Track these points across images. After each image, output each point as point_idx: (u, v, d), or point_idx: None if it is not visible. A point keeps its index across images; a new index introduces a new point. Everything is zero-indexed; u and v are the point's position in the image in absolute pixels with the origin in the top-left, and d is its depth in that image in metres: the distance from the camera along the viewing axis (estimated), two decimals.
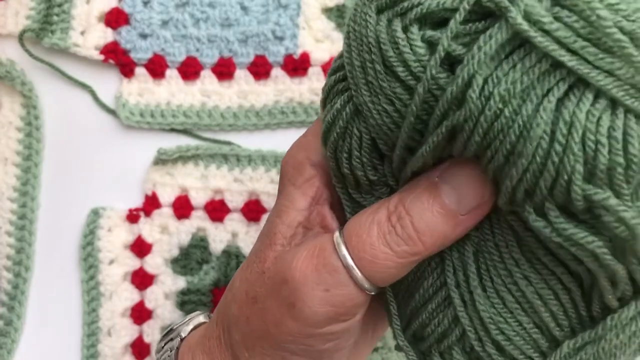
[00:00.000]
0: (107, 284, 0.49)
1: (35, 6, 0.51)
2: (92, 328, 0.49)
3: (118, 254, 0.50)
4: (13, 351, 0.49)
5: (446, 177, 0.28)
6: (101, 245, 0.49)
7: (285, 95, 0.51)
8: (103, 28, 0.51)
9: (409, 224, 0.28)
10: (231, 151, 0.50)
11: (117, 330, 0.49)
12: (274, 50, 0.51)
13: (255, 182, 0.50)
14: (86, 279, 0.49)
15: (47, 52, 0.51)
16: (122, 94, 0.51)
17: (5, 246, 0.50)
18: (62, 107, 0.51)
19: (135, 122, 0.51)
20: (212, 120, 0.51)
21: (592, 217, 0.26)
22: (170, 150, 0.49)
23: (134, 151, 0.51)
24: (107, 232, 0.50)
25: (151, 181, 0.50)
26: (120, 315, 0.49)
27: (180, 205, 0.50)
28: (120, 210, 0.50)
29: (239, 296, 0.32)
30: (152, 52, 0.51)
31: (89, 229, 0.49)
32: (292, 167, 0.33)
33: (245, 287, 0.32)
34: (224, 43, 0.51)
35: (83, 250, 0.49)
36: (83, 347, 0.49)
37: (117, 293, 0.49)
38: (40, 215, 0.50)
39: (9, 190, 0.50)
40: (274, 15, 0.51)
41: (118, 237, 0.50)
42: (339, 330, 0.30)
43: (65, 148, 0.51)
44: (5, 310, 0.49)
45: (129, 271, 0.50)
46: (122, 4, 0.52)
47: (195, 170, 0.50)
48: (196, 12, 0.51)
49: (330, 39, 0.51)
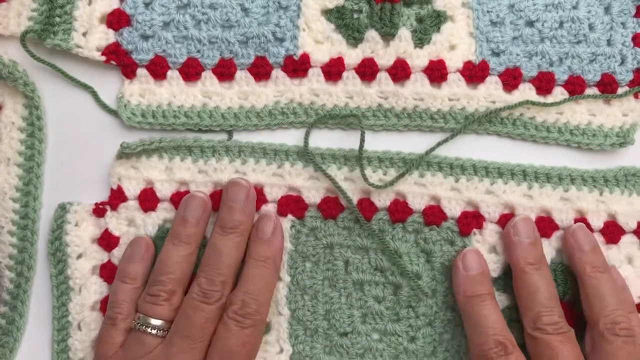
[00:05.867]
0: (76, 278, 0.49)
1: (37, 7, 0.51)
2: (62, 322, 0.49)
3: (86, 247, 0.50)
4: (15, 350, 0.49)
5: None
6: (69, 239, 0.50)
7: (286, 96, 0.51)
8: (105, 29, 0.52)
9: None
10: (194, 142, 0.50)
11: (86, 324, 0.49)
12: (274, 52, 0.51)
13: (220, 172, 0.50)
14: (55, 273, 0.49)
15: (49, 53, 0.51)
16: (124, 94, 0.51)
17: (7, 245, 0.50)
18: (65, 108, 0.52)
19: (136, 122, 0.51)
20: (213, 120, 0.51)
21: None
22: (134, 144, 0.49)
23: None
24: (74, 227, 0.50)
25: (116, 175, 0.50)
26: (89, 308, 0.49)
27: (146, 198, 0.50)
28: (86, 204, 0.50)
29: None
30: (154, 53, 0.51)
31: (56, 224, 0.50)
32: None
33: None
34: (224, 44, 0.51)
35: (51, 245, 0.50)
36: (53, 342, 0.49)
37: (86, 287, 0.49)
38: (43, 215, 0.51)
39: (11, 190, 0.50)
40: (274, 16, 0.51)
41: (85, 232, 0.50)
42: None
43: (67, 148, 0.51)
44: (8, 309, 0.50)
45: (97, 265, 0.50)
46: (123, 6, 0.52)
47: (160, 163, 0.51)
48: (197, 13, 0.51)
49: (330, 40, 0.51)
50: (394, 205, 0.49)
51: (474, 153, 0.51)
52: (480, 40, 0.51)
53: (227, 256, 0.46)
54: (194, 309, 0.45)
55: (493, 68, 0.51)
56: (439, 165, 0.50)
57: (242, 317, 0.44)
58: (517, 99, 0.51)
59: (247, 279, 0.46)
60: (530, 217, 0.49)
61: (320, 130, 0.51)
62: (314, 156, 0.50)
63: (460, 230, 0.49)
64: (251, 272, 0.46)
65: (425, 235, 0.49)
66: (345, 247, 0.49)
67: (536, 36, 0.51)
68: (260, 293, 0.45)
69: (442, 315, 0.49)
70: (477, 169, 0.50)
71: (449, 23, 0.51)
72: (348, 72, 0.51)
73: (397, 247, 0.49)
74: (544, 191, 0.50)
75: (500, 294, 0.49)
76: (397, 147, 0.51)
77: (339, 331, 0.49)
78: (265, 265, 0.46)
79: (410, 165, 0.49)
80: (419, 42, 0.51)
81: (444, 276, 0.49)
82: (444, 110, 0.51)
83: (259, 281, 0.46)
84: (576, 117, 0.51)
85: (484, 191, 0.50)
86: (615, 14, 0.52)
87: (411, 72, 0.51)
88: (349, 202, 0.49)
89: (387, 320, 0.49)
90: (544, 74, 0.51)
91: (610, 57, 0.51)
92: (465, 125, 0.50)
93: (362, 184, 0.49)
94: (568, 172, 0.50)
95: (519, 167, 0.50)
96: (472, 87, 0.51)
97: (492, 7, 0.52)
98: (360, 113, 0.51)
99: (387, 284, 0.49)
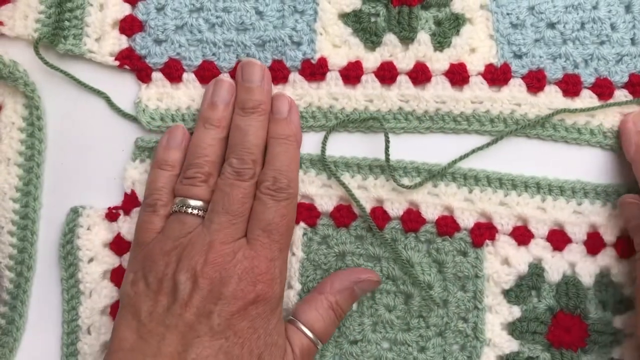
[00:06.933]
0: (86, 282, 0.49)
1: (45, 10, 0.51)
2: (72, 326, 0.49)
3: (97, 252, 0.50)
4: (15, 350, 0.49)
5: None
6: (80, 243, 0.49)
7: (304, 100, 0.51)
8: (117, 35, 0.51)
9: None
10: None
11: (96, 328, 0.49)
12: (291, 55, 0.51)
13: None
14: (66, 277, 0.49)
15: (59, 57, 0.51)
16: (142, 99, 0.51)
17: (7, 245, 0.50)
18: (66, 108, 0.51)
19: (156, 127, 0.51)
20: None
21: None
22: (148, 138, 0.50)
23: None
24: (86, 231, 0.50)
25: (130, 179, 0.50)
26: (99, 313, 0.49)
27: None
28: (99, 208, 0.50)
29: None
30: (168, 56, 0.51)
31: (68, 227, 0.50)
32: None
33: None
34: (240, 47, 0.51)
35: (62, 249, 0.50)
36: (63, 346, 0.49)
37: (96, 291, 0.49)
38: (43, 215, 0.50)
39: (11, 190, 0.50)
40: (290, 20, 0.51)
41: (97, 236, 0.50)
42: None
43: (69, 150, 0.51)
44: (8, 309, 0.50)
45: (108, 269, 0.50)
46: (135, 11, 0.51)
47: None
48: (211, 17, 0.51)
49: (348, 44, 0.51)
50: (407, 214, 0.49)
51: (509, 157, 0.50)
52: (501, 42, 0.51)
53: (253, 135, 0.47)
54: (231, 186, 0.45)
55: (516, 70, 0.50)
56: (453, 175, 0.50)
57: (275, 191, 0.45)
58: (542, 101, 0.50)
59: (273, 156, 0.47)
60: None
61: (340, 133, 0.51)
62: (329, 163, 0.49)
63: (473, 242, 0.49)
64: (276, 150, 0.47)
65: (437, 246, 0.49)
66: (357, 255, 0.49)
67: (558, 38, 0.50)
68: (288, 169, 0.46)
69: (453, 326, 0.48)
70: (490, 180, 0.49)
71: (467, 26, 0.51)
72: (367, 76, 0.51)
73: (410, 256, 0.49)
74: (557, 204, 0.49)
75: (512, 306, 0.48)
76: (419, 149, 0.50)
77: (349, 339, 0.49)
78: (287, 142, 0.47)
79: (444, 168, 0.49)
80: (439, 46, 0.50)
81: (455, 287, 0.49)
82: (467, 113, 0.50)
83: (285, 157, 0.47)
84: (608, 119, 0.50)
85: (498, 203, 0.49)
86: (637, 11, 0.51)
87: (432, 76, 0.50)
88: (362, 210, 0.49)
89: (397, 329, 0.49)
90: (569, 76, 0.50)
91: (636, 56, 0.50)
92: (517, 130, 0.50)
93: (375, 191, 0.49)
94: (581, 185, 0.49)
95: (532, 179, 0.49)
96: (495, 89, 0.50)
97: (511, 10, 0.51)
98: (381, 116, 0.50)
99: (398, 293, 0.49)
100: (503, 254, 0.49)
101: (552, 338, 0.48)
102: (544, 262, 0.49)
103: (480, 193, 0.49)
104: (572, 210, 0.49)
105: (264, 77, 0.49)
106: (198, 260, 0.43)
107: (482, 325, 0.48)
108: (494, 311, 0.48)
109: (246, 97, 0.48)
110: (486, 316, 0.48)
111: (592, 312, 0.48)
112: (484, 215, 0.49)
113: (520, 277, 0.49)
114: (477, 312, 0.48)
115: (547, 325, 0.48)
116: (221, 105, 0.48)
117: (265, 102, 0.48)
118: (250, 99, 0.48)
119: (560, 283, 0.48)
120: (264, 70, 0.49)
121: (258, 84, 0.48)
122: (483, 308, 0.48)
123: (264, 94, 0.48)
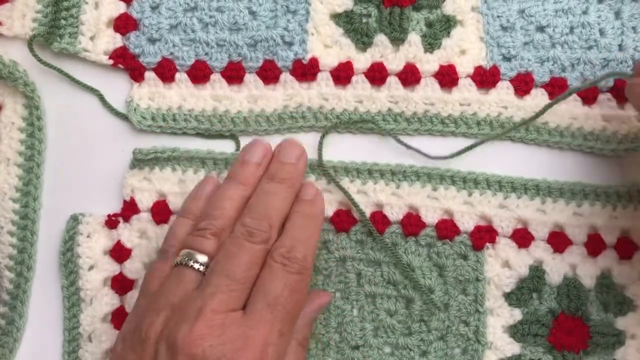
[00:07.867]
0: (87, 289, 0.49)
1: (42, 9, 0.51)
2: (73, 334, 0.49)
3: (98, 259, 0.50)
4: (15, 350, 0.49)
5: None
6: (80, 251, 0.49)
7: (295, 100, 0.51)
8: (112, 33, 0.52)
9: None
10: (207, 154, 0.50)
11: (97, 336, 0.49)
12: (282, 55, 0.51)
13: None
14: (66, 284, 0.49)
15: (54, 55, 0.51)
16: (133, 98, 0.51)
17: (7, 246, 0.50)
18: (66, 109, 0.51)
19: (147, 126, 0.51)
20: (223, 125, 0.51)
21: None
22: (146, 150, 0.49)
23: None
24: (86, 238, 0.50)
25: (129, 186, 0.50)
26: (100, 320, 0.49)
27: (159, 210, 0.50)
28: (99, 216, 0.50)
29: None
30: (161, 56, 0.51)
31: (68, 235, 0.50)
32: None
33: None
34: (232, 47, 0.51)
35: (63, 257, 0.50)
36: (64, 353, 0.49)
37: (97, 298, 0.49)
38: (42, 215, 0.51)
39: (11, 191, 0.50)
40: (282, 20, 0.51)
41: (97, 243, 0.50)
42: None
43: (69, 150, 0.51)
44: (7, 309, 0.50)
45: (109, 276, 0.50)
46: (130, 10, 0.52)
47: (173, 175, 0.50)
48: (204, 16, 0.51)
49: (339, 45, 0.51)
50: (407, 218, 0.49)
51: (490, 159, 0.51)
52: (491, 45, 0.51)
53: (277, 200, 0.43)
54: (239, 246, 0.41)
55: (504, 73, 0.50)
56: (452, 178, 0.49)
57: (289, 260, 0.41)
58: (529, 104, 0.50)
59: (293, 226, 0.43)
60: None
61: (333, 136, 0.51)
62: (328, 168, 0.49)
63: (473, 245, 0.49)
64: (298, 222, 0.43)
65: (438, 250, 0.49)
66: (357, 260, 0.49)
67: (547, 41, 0.51)
68: (307, 242, 0.42)
69: (454, 329, 0.48)
70: (490, 183, 0.49)
71: (458, 28, 0.51)
72: (357, 77, 0.51)
73: (410, 260, 0.49)
74: (557, 206, 0.49)
75: (513, 308, 0.48)
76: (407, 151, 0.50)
77: (351, 344, 0.48)
78: (310, 219, 0.44)
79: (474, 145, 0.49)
80: (429, 47, 0.51)
81: (456, 290, 0.49)
82: (455, 115, 0.50)
83: (306, 230, 0.43)
84: (590, 122, 0.50)
85: (497, 205, 0.49)
86: (626, 18, 0.51)
87: (421, 77, 0.50)
88: (362, 215, 0.49)
89: (399, 333, 0.48)
90: (556, 79, 0.51)
91: (622, 62, 0.51)
92: (504, 133, 0.50)
93: (375, 196, 0.49)
94: (581, 187, 0.49)
95: (532, 181, 0.49)
96: (483, 92, 0.51)
97: (502, 12, 0.51)
98: (370, 117, 0.50)
99: (399, 298, 0.49)
100: (503, 257, 0.49)
101: (554, 340, 0.48)
102: (544, 265, 0.49)
103: (480, 196, 0.49)
104: (572, 212, 0.49)
105: (301, 157, 0.46)
106: (182, 329, 0.38)
107: (483, 329, 0.48)
108: (495, 314, 0.48)
109: (279, 168, 0.45)
110: (487, 319, 0.48)
111: (593, 314, 0.48)
112: (484, 218, 0.49)
113: (521, 280, 0.49)
114: (479, 315, 0.48)
115: (548, 327, 0.48)
116: (252, 164, 0.45)
117: (296, 179, 0.45)
118: (282, 169, 0.45)
119: (561, 285, 0.48)
120: (303, 151, 0.46)
121: (294, 161, 0.46)
122: (484, 311, 0.48)
123: (297, 172, 0.45)
